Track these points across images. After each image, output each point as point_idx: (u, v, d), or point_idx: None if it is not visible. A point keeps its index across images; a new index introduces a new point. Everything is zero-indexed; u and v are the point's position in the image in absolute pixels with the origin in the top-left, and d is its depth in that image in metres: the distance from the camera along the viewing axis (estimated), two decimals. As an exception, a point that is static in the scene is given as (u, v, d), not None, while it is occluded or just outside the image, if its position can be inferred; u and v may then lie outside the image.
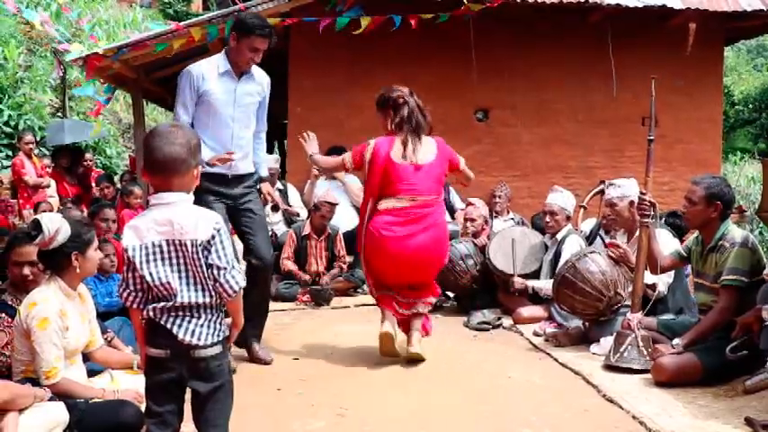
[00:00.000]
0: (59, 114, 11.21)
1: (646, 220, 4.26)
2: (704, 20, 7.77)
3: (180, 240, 2.33)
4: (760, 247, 4.02)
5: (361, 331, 5.02)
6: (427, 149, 4.40)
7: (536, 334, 5.05)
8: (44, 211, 6.99)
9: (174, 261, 2.34)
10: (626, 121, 8.08)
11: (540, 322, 5.23)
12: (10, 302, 3.40)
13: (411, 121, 4.39)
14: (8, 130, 10.25)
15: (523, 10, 7.54)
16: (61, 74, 9.91)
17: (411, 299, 4.46)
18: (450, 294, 6.28)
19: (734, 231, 4.03)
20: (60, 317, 3.18)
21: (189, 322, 2.36)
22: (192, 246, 2.32)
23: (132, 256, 2.34)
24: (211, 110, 4.23)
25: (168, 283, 2.33)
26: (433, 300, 4.63)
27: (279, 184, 7.57)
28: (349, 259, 6.95)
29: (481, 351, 4.79)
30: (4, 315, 3.35)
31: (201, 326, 2.37)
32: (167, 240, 2.33)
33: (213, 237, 2.33)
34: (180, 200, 2.36)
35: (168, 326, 2.35)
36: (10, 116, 10.34)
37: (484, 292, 5.86)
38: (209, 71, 4.22)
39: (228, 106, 4.27)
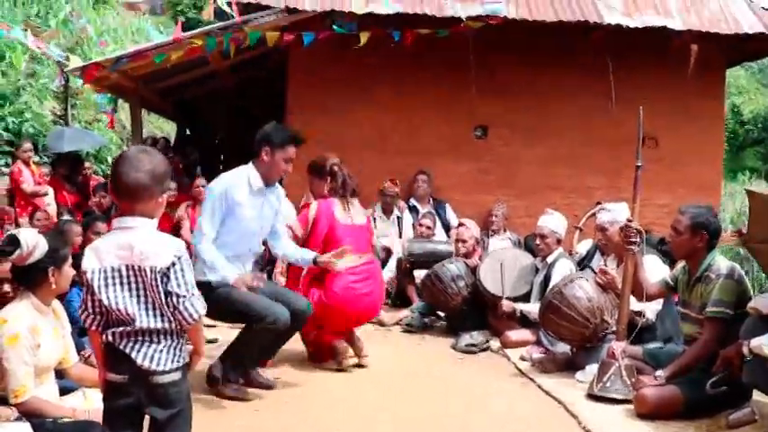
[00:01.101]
0: (61, 122, 11.26)
1: (632, 247, 4.20)
2: (706, 42, 7.73)
3: (139, 266, 2.30)
4: (746, 279, 3.96)
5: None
6: (359, 211, 4.87)
7: (523, 359, 5.00)
8: (39, 220, 7.02)
9: (134, 286, 2.32)
10: (625, 142, 7.93)
11: (527, 346, 5.18)
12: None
13: (347, 186, 4.74)
14: (9, 137, 10.27)
15: (524, 28, 7.50)
16: (63, 82, 9.95)
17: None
18: (442, 314, 6.25)
19: (720, 262, 3.97)
20: (32, 334, 3.15)
21: (148, 347, 2.33)
22: (152, 272, 2.29)
23: (90, 279, 2.32)
24: (239, 226, 4.15)
25: (126, 307, 2.30)
26: None
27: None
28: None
29: (465, 375, 4.75)
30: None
31: (161, 351, 2.35)
32: (127, 265, 2.31)
33: (174, 264, 2.31)
34: (142, 225, 2.34)
35: (127, 351, 2.33)
36: (12, 123, 10.38)
37: (474, 314, 5.79)
38: (240, 186, 4.12)
39: (255, 221, 4.23)
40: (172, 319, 2.34)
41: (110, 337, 2.34)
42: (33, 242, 3.17)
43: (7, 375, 3.09)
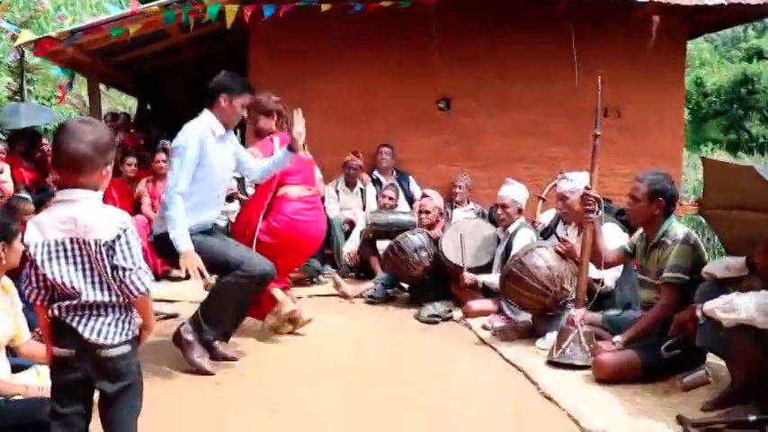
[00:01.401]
0: (17, 98, 10.97)
1: (590, 215, 4.23)
2: (667, 13, 7.76)
3: (84, 239, 2.25)
4: (702, 245, 3.99)
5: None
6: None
7: (485, 328, 5.02)
8: (-3, 198, 6.87)
9: (78, 260, 2.27)
10: (588, 112, 7.89)
11: (489, 315, 5.20)
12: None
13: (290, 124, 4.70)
14: (-38, 113, 10.00)
15: (487, -2, 7.47)
16: (18, 56, 9.71)
17: (286, 276, 5.08)
18: (405, 285, 6.26)
19: (676, 228, 4.00)
20: (-19, 311, 3.10)
21: (95, 321, 2.29)
22: (96, 245, 2.24)
23: (33, 254, 2.26)
24: (210, 174, 4.13)
25: (71, 281, 2.25)
26: None
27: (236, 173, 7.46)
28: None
29: (426, 344, 4.77)
30: None
31: (108, 324, 2.30)
32: (71, 239, 2.25)
33: (119, 236, 2.25)
34: (85, 197, 2.28)
35: (74, 324, 2.28)
36: (-36, 99, 10.12)
37: (436, 284, 5.80)
38: (206, 135, 4.09)
39: (222, 168, 4.24)
40: (119, 292, 2.30)
41: (56, 312, 2.29)
42: (-18, 218, 3.11)
43: (-44, 353, 3.04)
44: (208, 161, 4.08)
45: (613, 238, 4.60)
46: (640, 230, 4.29)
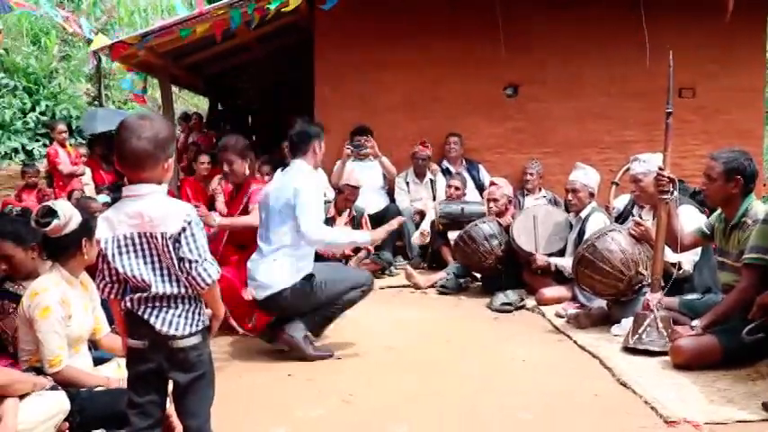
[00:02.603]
0: (96, 103, 11.38)
1: (665, 196, 4.09)
2: (745, -15, 7.45)
3: (150, 233, 2.29)
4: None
5: (381, 313, 4.97)
6: None
7: (558, 315, 4.94)
8: (77, 200, 7.12)
9: (147, 253, 2.32)
10: (662, 92, 7.71)
11: (563, 302, 5.11)
12: (12, 289, 3.45)
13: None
14: (45, 119, 10.43)
15: (553, -19, 7.33)
16: (95, 63, 10.06)
17: None
18: (477, 275, 6.21)
19: (757, 207, 3.84)
20: (62, 305, 3.21)
21: (166, 312, 2.34)
22: (163, 238, 2.28)
23: (105, 248, 2.32)
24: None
25: (141, 274, 2.31)
26: None
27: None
28: (376, 240, 6.92)
29: (499, 333, 4.72)
30: (7, 302, 3.40)
31: (179, 316, 2.35)
32: (139, 233, 2.31)
33: (184, 229, 2.29)
34: (151, 192, 2.32)
35: (145, 317, 2.33)
36: (46, 106, 10.53)
37: (508, 273, 5.74)
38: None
39: None
40: (187, 284, 2.34)
41: (128, 304, 2.35)
42: (69, 213, 3.22)
43: (41, 347, 3.15)
44: None
45: (690, 219, 4.45)
46: (719, 211, 4.14)
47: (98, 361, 3.53)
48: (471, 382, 3.73)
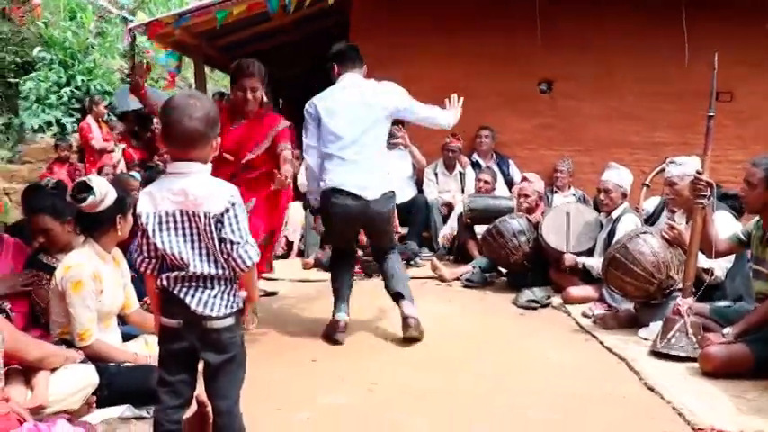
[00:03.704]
0: (129, 80, 11.43)
1: (701, 201, 4.03)
2: (788, -13, 7.31)
3: (193, 211, 2.29)
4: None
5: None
6: None
7: (585, 315, 4.89)
8: (107, 175, 7.18)
9: (188, 231, 2.31)
10: (698, 96, 7.59)
11: (590, 303, 5.07)
12: (46, 261, 3.49)
13: None
14: (79, 94, 10.51)
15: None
16: (130, 40, 10.10)
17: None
18: (503, 270, 6.17)
19: (797, 216, 3.77)
20: (94, 280, 3.24)
21: (202, 293, 2.33)
22: (205, 218, 2.28)
23: (146, 223, 2.32)
24: None
25: (180, 252, 2.30)
26: None
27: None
28: (402, 231, 6.90)
29: (524, 330, 4.68)
30: (42, 273, 3.44)
31: (214, 297, 2.35)
32: (181, 210, 2.30)
33: (227, 210, 2.28)
34: (196, 170, 2.32)
35: (181, 296, 2.33)
36: (82, 81, 10.60)
37: (536, 270, 5.70)
38: None
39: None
40: (225, 265, 2.34)
41: (164, 282, 2.35)
42: (105, 190, 3.25)
43: (72, 320, 3.20)
44: None
45: (725, 225, 4.38)
46: (756, 218, 4.07)
47: (126, 337, 3.57)
48: (494, 381, 3.69)
